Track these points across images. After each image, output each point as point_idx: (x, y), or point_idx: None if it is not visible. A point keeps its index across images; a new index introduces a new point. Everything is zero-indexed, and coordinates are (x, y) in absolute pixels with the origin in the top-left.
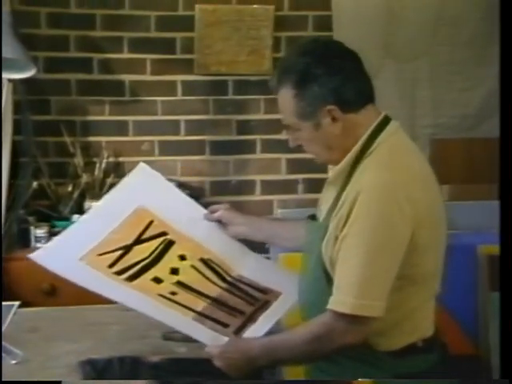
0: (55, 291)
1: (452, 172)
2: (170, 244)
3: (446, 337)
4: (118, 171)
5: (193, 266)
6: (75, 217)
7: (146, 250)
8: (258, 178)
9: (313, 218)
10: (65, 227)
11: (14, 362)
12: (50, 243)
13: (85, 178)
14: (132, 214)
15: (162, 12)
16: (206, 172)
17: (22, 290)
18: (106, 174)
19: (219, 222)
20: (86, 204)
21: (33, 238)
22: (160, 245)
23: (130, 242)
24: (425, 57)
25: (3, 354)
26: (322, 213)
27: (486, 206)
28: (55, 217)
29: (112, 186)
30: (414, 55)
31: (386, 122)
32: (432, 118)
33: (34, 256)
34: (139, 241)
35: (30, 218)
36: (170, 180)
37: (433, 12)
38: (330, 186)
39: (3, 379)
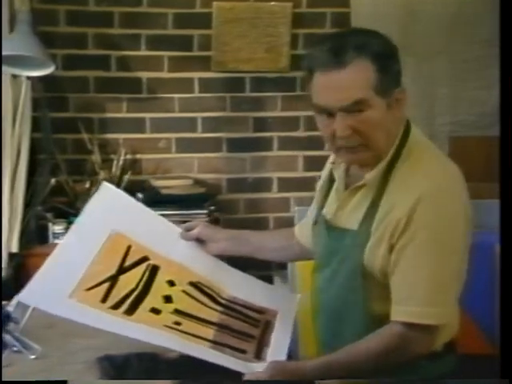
0: None
1: (470, 170)
2: (154, 269)
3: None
4: (136, 168)
5: (184, 291)
6: None
7: (132, 280)
8: (274, 175)
9: (326, 223)
10: None
11: (32, 356)
12: (33, 282)
13: (102, 175)
14: (107, 240)
15: (179, 9)
16: (223, 169)
17: None
18: (124, 171)
19: (198, 240)
20: None
21: (51, 235)
22: (145, 272)
23: (113, 272)
24: (443, 55)
25: (22, 349)
26: (345, 219)
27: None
28: (73, 213)
29: (129, 182)
30: (432, 53)
31: (408, 122)
32: (450, 116)
33: (21, 298)
34: (122, 270)
35: (48, 215)
36: (187, 177)
37: (451, 10)
38: (356, 191)
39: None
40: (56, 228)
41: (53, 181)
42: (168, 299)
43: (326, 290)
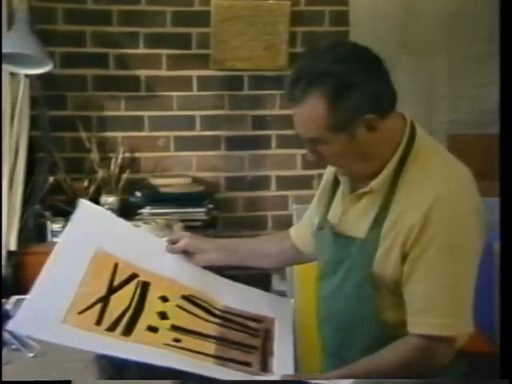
0: None
1: (469, 168)
2: (145, 286)
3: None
4: (134, 166)
5: (178, 306)
6: None
7: (124, 298)
8: (273, 173)
9: (331, 229)
10: None
11: (31, 355)
12: (22, 309)
13: (101, 174)
14: (93, 259)
15: (177, 7)
16: (222, 167)
17: None
18: (122, 169)
19: (185, 251)
20: (102, 199)
21: (49, 233)
22: (136, 289)
23: (103, 292)
24: (442, 53)
25: (21, 347)
26: (350, 226)
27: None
28: (71, 212)
29: (127, 181)
30: (432, 51)
31: (413, 125)
32: (449, 114)
33: (12, 327)
34: (113, 289)
35: (47, 213)
36: (186, 176)
37: (450, 8)
38: (362, 197)
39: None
40: (54, 226)
41: (51, 179)
42: (163, 315)
43: (333, 299)
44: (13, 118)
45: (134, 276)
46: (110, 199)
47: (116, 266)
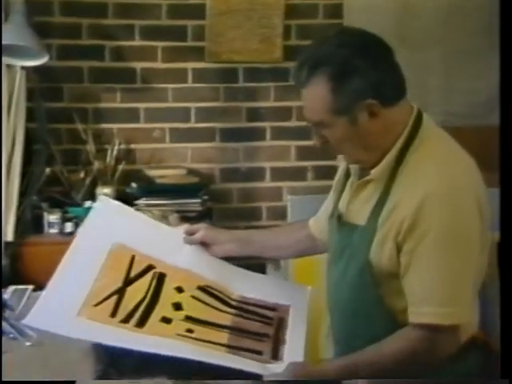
0: None
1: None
2: (161, 277)
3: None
4: (130, 158)
5: (193, 297)
6: (87, 203)
7: (140, 290)
8: (267, 164)
9: (338, 218)
10: (77, 213)
11: (28, 343)
12: (38, 304)
13: (97, 165)
14: (110, 253)
15: (173, 0)
16: (216, 159)
17: (36, 275)
18: (118, 160)
19: (201, 243)
20: (98, 190)
21: (46, 224)
22: (152, 280)
23: (119, 284)
24: (437, 45)
25: (18, 336)
26: (355, 214)
27: (496, 194)
28: (68, 203)
29: (123, 172)
30: (426, 43)
31: (420, 115)
32: (443, 106)
33: (28, 322)
34: (129, 281)
35: (44, 204)
36: (181, 167)
37: (443, 2)
38: (365, 185)
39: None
40: (51, 217)
41: (48, 170)
42: (178, 306)
43: (338, 286)
44: (9, 110)
45: (150, 268)
46: (106, 190)
47: (133, 258)
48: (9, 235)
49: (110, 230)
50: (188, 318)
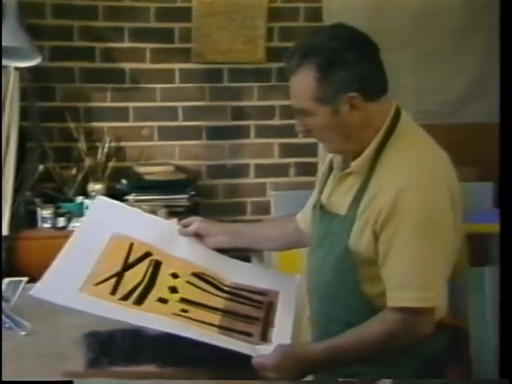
0: None
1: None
2: (158, 264)
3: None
4: (120, 155)
5: (188, 282)
6: (79, 198)
7: (137, 274)
8: (251, 161)
9: (320, 208)
10: (69, 208)
11: (23, 333)
12: (44, 278)
13: (88, 162)
14: (109, 241)
15: (160, 3)
16: (203, 156)
17: (30, 267)
18: (108, 158)
19: (195, 234)
20: (90, 186)
21: (39, 219)
22: (149, 267)
23: (118, 268)
24: (409, 46)
25: (13, 326)
26: (336, 204)
27: (465, 188)
28: (60, 198)
29: (114, 169)
30: (399, 45)
31: (398, 112)
32: (414, 105)
33: (34, 292)
34: (127, 266)
35: (37, 200)
36: (169, 164)
37: (418, 3)
38: (346, 177)
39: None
40: (44, 212)
41: (41, 167)
42: (173, 290)
43: (318, 272)
44: (3, 110)
45: (147, 254)
46: (97, 186)
47: (131, 245)
48: (4, 230)
49: (110, 222)
50: (183, 300)
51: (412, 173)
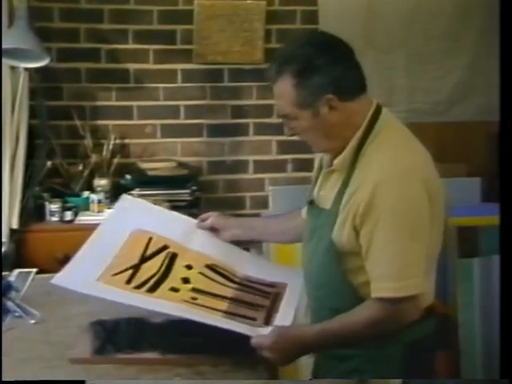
0: (68, 260)
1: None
2: (173, 256)
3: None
4: (124, 152)
5: (201, 273)
6: (85, 193)
7: (153, 266)
8: (250, 158)
9: (311, 203)
10: (76, 202)
11: (32, 321)
12: (64, 270)
13: (94, 158)
14: (130, 236)
15: (163, 6)
16: (204, 153)
17: (39, 259)
18: (113, 154)
19: (212, 228)
20: (95, 181)
21: (47, 212)
22: (165, 259)
23: (136, 261)
24: (401, 48)
25: (23, 315)
26: (323, 199)
27: (454, 183)
28: (67, 193)
29: (118, 165)
30: (392, 46)
31: (379, 109)
32: (406, 104)
33: (56, 281)
34: (145, 259)
35: (45, 195)
36: (172, 160)
37: (409, 8)
38: (331, 174)
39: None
40: (52, 207)
41: (49, 163)
42: (186, 280)
43: (310, 263)
44: (13, 108)
45: (164, 248)
46: (103, 182)
47: (150, 239)
48: (14, 223)
49: (132, 218)
50: (194, 289)
51: (387, 168)
